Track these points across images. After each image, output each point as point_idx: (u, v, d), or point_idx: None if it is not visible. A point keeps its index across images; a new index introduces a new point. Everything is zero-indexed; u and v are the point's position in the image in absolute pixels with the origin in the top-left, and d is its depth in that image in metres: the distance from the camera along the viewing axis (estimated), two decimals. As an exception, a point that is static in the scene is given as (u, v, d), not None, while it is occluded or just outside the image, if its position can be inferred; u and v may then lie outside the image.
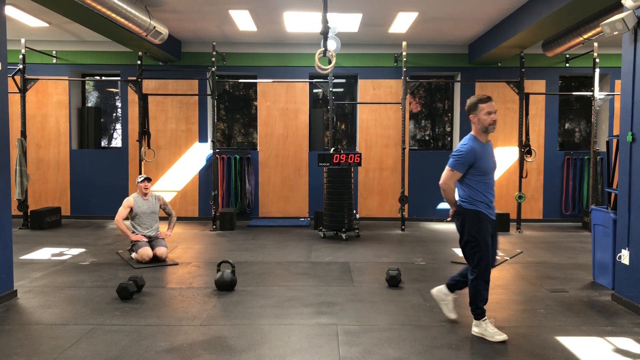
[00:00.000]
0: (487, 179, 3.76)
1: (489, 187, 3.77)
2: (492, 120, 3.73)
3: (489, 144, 3.83)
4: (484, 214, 3.72)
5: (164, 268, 5.86)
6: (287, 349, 3.55)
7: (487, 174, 3.76)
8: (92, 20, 6.81)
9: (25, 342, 3.64)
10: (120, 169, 9.56)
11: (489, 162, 3.78)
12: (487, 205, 3.75)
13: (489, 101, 3.74)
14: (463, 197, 3.81)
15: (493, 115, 3.72)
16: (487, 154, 3.76)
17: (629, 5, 4.31)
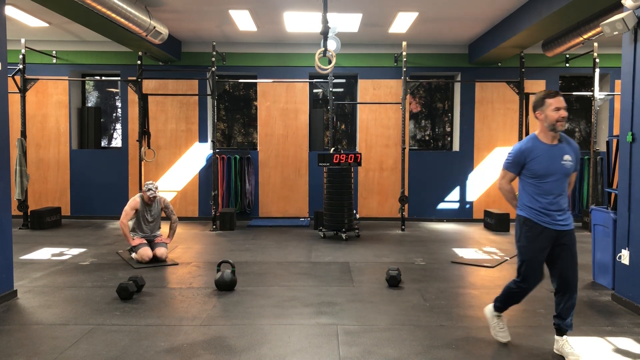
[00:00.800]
0: (541, 182, 3.37)
1: (544, 191, 3.38)
2: (561, 117, 3.38)
3: (558, 146, 3.40)
4: (532, 221, 3.41)
5: (164, 268, 5.86)
6: (287, 349, 3.55)
7: (541, 177, 3.37)
8: (92, 20, 6.81)
9: (25, 342, 3.64)
10: (120, 169, 9.56)
11: (548, 164, 3.36)
12: (539, 211, 3.39)
13: (556, 96, 3.45)
14: (519, 200, 3.58)
15: (562, 112, 3.38)
16: (547, 156, 3.36)
17: (629, 5, 4.31)
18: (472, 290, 5.05)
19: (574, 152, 3.42)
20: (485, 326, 4.02)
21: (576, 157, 3.43)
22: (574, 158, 3.41)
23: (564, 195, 3.41)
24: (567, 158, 3.37)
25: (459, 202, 9.69)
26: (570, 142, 3.47)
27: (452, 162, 9.67)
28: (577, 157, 3.44)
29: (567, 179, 3.41)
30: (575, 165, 3.43)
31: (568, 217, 3.42)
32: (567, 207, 3.43)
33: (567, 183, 3.43)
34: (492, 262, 6.21)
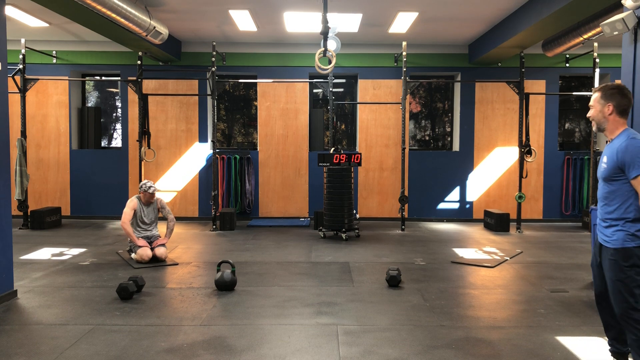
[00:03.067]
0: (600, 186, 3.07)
1: (600, 198, 3.06)
2: (588, 116, 3.11)
3: (610, 144, 3.01)
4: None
5: (164, 268, 5.86)
6: (287, 349, 3.55)
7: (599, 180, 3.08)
8: (92, 20, 6.81)
9: (25, 342, 3.63)
10: (120, 169, 9.56)
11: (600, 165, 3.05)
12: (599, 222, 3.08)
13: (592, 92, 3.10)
14: None
15: (589, 111, 3.10)
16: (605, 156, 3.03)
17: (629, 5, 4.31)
18: (472, 290, 5.05)
19: (614, 152, 2.89)
20: (485, 326, 4.02)
21: (617, 158, 2.86)
22: (611, 160, 2.92)
23: (611, 203, 2.94)
24: (604, 160, 2.99)
25: (459, 202, 9.69)
26: (618, 142, 2.91)
27: (452, 162, 9.67)
28: (617, 159, 2.86)
29: (608, 185, 2.95)
30: (610, 169, 2.91)
31: (610, 232, 2.92)
32: (614, 217, 2.92)
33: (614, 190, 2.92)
34: (492, 262, 6.21)
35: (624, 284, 2.87)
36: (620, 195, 2.89)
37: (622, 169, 2.85)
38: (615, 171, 2.89)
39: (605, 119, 2.98)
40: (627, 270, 2.85)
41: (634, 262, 2.83)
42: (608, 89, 2.97)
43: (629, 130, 2.93)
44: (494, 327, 4.01)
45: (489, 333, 3.87)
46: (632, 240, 2.84)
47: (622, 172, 2.85)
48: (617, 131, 2.96)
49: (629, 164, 2.81)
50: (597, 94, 3.01)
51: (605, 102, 2.96)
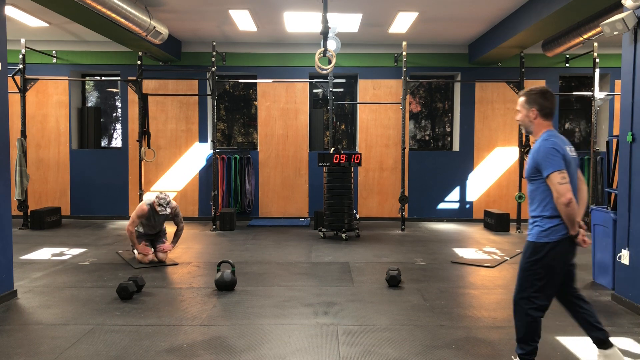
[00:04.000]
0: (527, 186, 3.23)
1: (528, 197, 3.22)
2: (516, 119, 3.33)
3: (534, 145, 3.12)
4: None
5: (164, 268, 5.86)
6: (287, 349, 3.55)
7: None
8: (92, 20, 6.81)
9: (25, 342, 3.64)
10: (120, 169, 9.56)
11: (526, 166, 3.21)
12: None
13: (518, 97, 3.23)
14: None
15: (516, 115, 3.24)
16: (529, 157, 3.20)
17: (629, 5, 4.31)
18: (472, 290, 5.05)
19: (532, 153, 3.04)
20: (485, 326, 4.02)
21: (533, 160, 3.01)
22: (530, 160, 3.04)
23: (532, 202, 3.08)
24: (527, 160, 3.13)
25: (459, 202, 9.69)
26: (535, 144, 3.07)
27: (452, 162, 9.67)
28: (534, 160, 3.00)
29: (530, 184, 3.09)
30: (529, 170, 3.04)
31: (531, 227, 3.08)
32: (534, 215, 3.05)
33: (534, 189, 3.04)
34: (492, 262, 6.21)
35: (528, 274, 3.02)
36: (539, 194, 3.01)
37: (538, 170, 2.97)
38: (533, 172, 3.01)
39: (531, 123, 3.09)
40: (534, 264, 2.99)
41: (542, 257, 2.96)
42: (532, 94, 3.08)
43: (547, 132, 3.05)
44: (494, 327, 4.01)
45: (489, 333, 3.87)
46: (546, 237, 2.96)
47: (539, 173, 2.97)
48: (539, 133, 3.08)
49: (542, 164, 2.94)
50: (522, 99, 3.12)
51: (530, 106, 3.07)
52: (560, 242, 2.94)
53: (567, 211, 2.87)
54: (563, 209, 2.86)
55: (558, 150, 2.93)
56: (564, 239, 2.94)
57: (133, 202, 9.45)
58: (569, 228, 2.92)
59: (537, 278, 2.98)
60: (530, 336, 3.03)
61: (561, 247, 2.95)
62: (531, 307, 3.00)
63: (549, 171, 2.90)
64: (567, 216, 2.88)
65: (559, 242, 2.94)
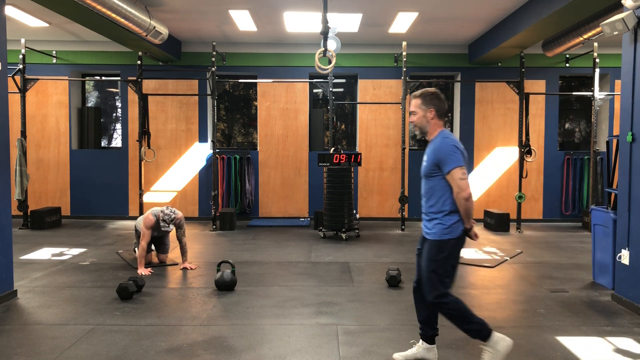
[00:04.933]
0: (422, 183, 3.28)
1: (422, 194, 3.27)
2: (410, 121, 3.26)
3: (430, 144, 3.22)
4: None
5: (164, 268, 5.86)
6: (287, 349, 3.55)
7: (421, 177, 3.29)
8: (92, 20, 6.81)
9: (25, 342, 3.63)
10: (120, 169, 9.56)
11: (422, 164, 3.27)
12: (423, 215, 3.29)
13: (411, 99, 3.25)
14: None
15: (410, 117, 3.25)
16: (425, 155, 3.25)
17: (629, 5, 4.31)
18: (472, 290, 5.05)
19: (432, 151, 3.13)
20: (485, 326, 4.02)
21: (434, 157, 3.10)
22: (429, 158, 3.14)
23: (430, 199, 3.15)
24: (424, 158, 3.21)
25: (459, 202, 9.67)
26: (435, 142, 3.15)
27: (452, 162, 9.64)
28: (434, 157, 3.10)
29: (427, 181, 3.16)
30: (428, 167, 3.14)
31: (431, 225, 3.14)
32: (433, 211, 3.13)
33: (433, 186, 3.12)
34: (492, 262, 6.21)
35: (436, 273, 3.09)
36: (438, 191, 3.12)
37: (439, 166, 3.08)
38: (433, 168, 3.11)
39: (427, 123, 3.18)
40: (441, 261, 3.08)
41: (448, 253, 3.08)
42: (428, 95, 3.18)
43: (444, 131, 3.18)
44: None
45: (489, 333, 3.86)
46: (448, 234, 3.07)
47: (439, 169, 3.08)
48: (435, 132, 3.19)
49: (444, 160, 3.05)
50: (418, 100, 3.20)
51: (427, 107, 3.17)
52: (460, 237, 3.10)
53: (467, 205, 3.02)
54: (463, 203, 3.00)
55: (458, 147, 3.07)
56: (462, 234, 3.11)
57: (133, 202, 9.45)
58: (465, 222, 3.08)
59: (446, 275, 3.10)
60: (468, 315, 3.10)
61: (460, 241, 3.11)
62: (450, 300, 3.10)
63: (451, 167, 3.02)
64: (465, 210, 3.03)
65: (459, 238, 3.10)
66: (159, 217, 5.61)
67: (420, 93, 3.20)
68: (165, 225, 5.56)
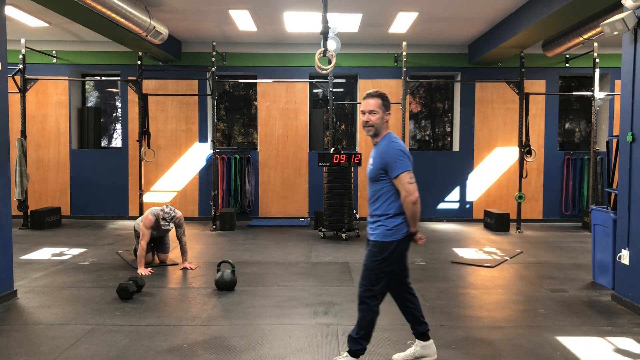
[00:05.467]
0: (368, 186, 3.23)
1: (368, 197, 3.23)
2: (363, 121, 3.13)
3: (376, 146, 3.15)
4: None
5: (164, 268, 5.86)
6: (287, 349, 3.55)
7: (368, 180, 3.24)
8: (92, 20, 6.81)
9: (25, 342, 3.63)
10: (120, 169, 9.56)
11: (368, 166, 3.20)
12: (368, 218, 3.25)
13: (366, 98, 3.14)
14: None
15: (365, 115, 3.12)
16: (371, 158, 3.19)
17: (629, 5, 4.31)
18: (472, 290, 5.05)
19: (378, 155, 3.08)
20: (485, 326, 4.02)
21: (380, 160, 3.05)
22: (376, 162, 3.08)
23: (375, 202, 3.12)
24: (370, 162, 3.15)
25: (459, 202, 9.69)
26: (381, 145, 3.10)
27: (452, 162, 9.67)
28: (381, 161, 3.05)
29: (373, 184, 3.11)
30: (375, 171, 3.08)
31: (375, 227, 3.11)
32: (378, 214, 3.10)
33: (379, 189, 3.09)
34: (492, 262, 6.21)
35: (375, 272, 3.09)
36: (385, 194, 3.08)
37: (386, 170, 3.04)
38: (379, 172, 3.07)
39: (382, 125, 3.12)
40: (381, 262, 3.07)
41: (389, 254, 3.06)
42: (386, 97, 3.14)
43: (391, 134, 3.14)
44: (494, 327, 4.01)
45: (489, 333, 3.87)
46: (390, 236, 3.06)
47: (385, 173, 3.05)
48: (382, 135, 3.14)
49: (391, 165, 3.01)
50: (378, 100, 3.11)
51: (386, 109, 3.12)
52: (403, 239, 3.08)
53: (414, 209, 3.01)
54: (410, 207, 2.98)
55: (405, 152, 3.05)
56: (405, 237, 3.09)
57: (133, 202, 9.45)
58: (411, 225, 3.07)
59: (382, 276, 3.08)
60: (370, 331, 3.14)
61: (404, 244, 3.10)
62: (376, 303, 3.12)
63: (400, 171, 3.00)
64: (413, 214, 3.02)
65: (402, 240, 3.08)
66: (159, 216, 5.62)
67: (379, 93, 3.13)
68: (165, 223, 5.56)
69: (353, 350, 3.14)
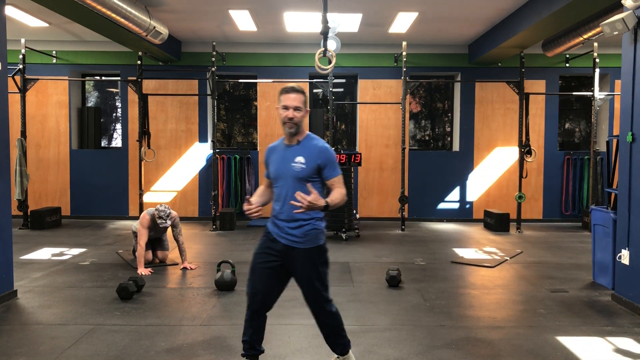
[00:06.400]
0: (275, 186, 3.01)
1: (278, 196, 2.98)
2: (287, 118, 2.87)
3: (293, 148, 2.94)
4: (266, 230, 3.11)
5: (164, 268, 5.86)
6: (287, 349, 3.55)
7: (274, 180, 3.00)
8: (92, 20, 6.81)
9: (25, 342, 3.63)
10: (120, 169, 9.56)
11: (278, 166, 2.96)
12: (272, 220, 3.05)
13: (291, 92, 2.89)
14: None
15: (289, 112, 2.87)
16: (280, 158, 2.96)
17: (629, 5, 4.31)
18: (472, 290, 5.05)
19: (312, 154, 2.89)
20: (485, 326, 4.02)
21: (316, 159, 2.88)
22: (310, 161, 2.88)
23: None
24: (299, 160, 2.89)
25: (459, 202, 9.69)
26: (311, 144, 2.94)
27: (452, 162, 9.67)
28: (317, 160, 2.88)
29: (301, 185, 2.85)
30: (309, 170, 2.87)
31: (303, 232, 2.90)
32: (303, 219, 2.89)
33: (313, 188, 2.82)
34: (492, 262, 6.21)
35: (320, 280, 2.97)
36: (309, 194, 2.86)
37: (321, 170, 2.91)
38: (314, 172, 2.90)
39: (301, 122, 2.92)
40: (321, 267, 2.97)
41: (325, 257, 2.99)
42: (305, 93, 2.95)
43: (310, 133, 3.02)
44: (494, 327, 4.01)
45: (489, 333, 3.87)
46: (323, 238, 2.97)
47: (319, 173, 2.92)
48: (304, 134, 2.98)
49: (331, 165, 2.92)
50: (302, 97, 2.91)
51: (306, 106, 2.94)
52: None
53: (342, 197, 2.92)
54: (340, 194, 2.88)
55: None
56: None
57: (133, 202, 9.45)
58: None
59: (327, 278, 3.02)
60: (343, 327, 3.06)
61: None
62: (335, 306, 3.04)
63: (338, 172, 2.94)
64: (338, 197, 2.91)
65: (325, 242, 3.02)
66: (155, 215, 5.64)
67: (302, 89, 2.93)
68: (162, 221, 5.59)
69: (344, 348, 3.09)
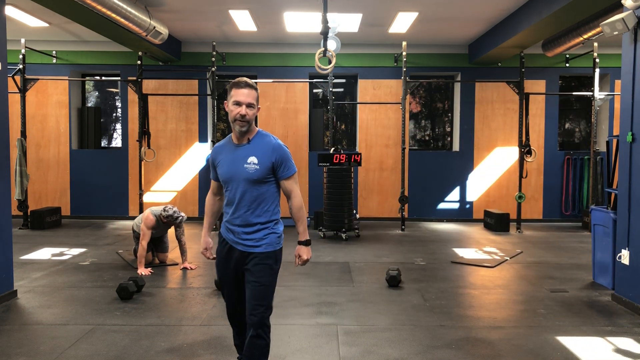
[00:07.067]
0: (226, 189, 2.79)
1: (228, 200, 2.78)
2: (239, 115, 2.66)
3: (245, 147, 2.74)
4: (221, 237, 2.86)
5: (164, 268, 5.86)
6: (287, 349, 3.55)
7: (225, 183, 2.79)
8: (92, 20, 6.81)
9: (25, 342, 3.64)
10: (120, 169, 9.56)
11: (229, 167, 2.74)
12: (226, 226, 2.81)
13: (244, 87, 2.69)
14: None
15: (242, 108, 2.66)
16: (230, 158, 2.75)
17: (629, 5, 4.31)
18: (472, 290, 5.05)
19: (266, 152, 2.71)
20: (485, 326, 4.02)
21: (270, 158, 2.70)
22: (263, 161, 2.69)
23: (257, 207, 2.71)
24: (252, 160, 2.69)
25: (459, 202, 9.69)
26: (263, 142, 2.75)
27: (452, 162, 9.67)
28: (271, 160, 2.70)
29: (256, 186, 2.70)
30: (264, 171, 2.69)
31: (260, 236, 2.72)
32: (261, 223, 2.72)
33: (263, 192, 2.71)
34: (492, 262, 6.21)
35: (271, 287, 2.77)
36: (269, 197, 2.75)
37: (276, 170, 2.73)
38: (268, 172, 2.71)
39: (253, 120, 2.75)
40: (276, 274, 2.80)
41: (279, 264, 2.82)
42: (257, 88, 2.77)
43: (260, 130, 2.83)
44: (494, 327, 4.02)
45: (489, 333, 3.87)
46: (280, 243, 2.81)
47: (273, 173, 2.74)
48: (255, 131, 2.79)
49: (286, 164, 2.74)
50: (255, 93, 2.72)
51: (258, 102, 2.76)
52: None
53: (303, 212, 2.79)
54: (301, 210, 2.77)
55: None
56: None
57: (133, 202, 9.45)
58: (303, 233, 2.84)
59: (275, 285, 2.82)
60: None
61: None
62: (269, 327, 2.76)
63: (294, 171, 2.77)
64: (303, 218, 2.79)
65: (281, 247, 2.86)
66: (161, 216, 5.64)
67: (255, 85, 2.73)
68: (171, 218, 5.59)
69: None
